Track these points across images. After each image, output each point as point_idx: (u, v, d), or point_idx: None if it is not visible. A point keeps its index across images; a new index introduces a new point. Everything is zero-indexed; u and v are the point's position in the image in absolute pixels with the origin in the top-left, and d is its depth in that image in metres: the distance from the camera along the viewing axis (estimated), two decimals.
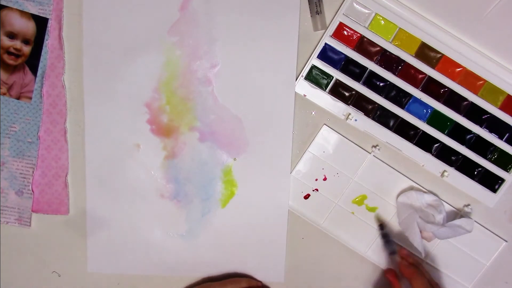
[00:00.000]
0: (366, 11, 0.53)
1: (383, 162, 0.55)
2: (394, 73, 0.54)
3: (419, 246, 0.53)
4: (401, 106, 0.54)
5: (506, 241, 0.55)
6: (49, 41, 0.54)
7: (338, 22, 0.53)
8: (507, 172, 0.54)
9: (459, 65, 0.53)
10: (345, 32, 0.53)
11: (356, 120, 0.54)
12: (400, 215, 0.54)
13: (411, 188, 0.55)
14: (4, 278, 0.58)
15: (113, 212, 0.56)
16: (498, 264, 0.56)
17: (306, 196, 0.56)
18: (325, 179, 0.56)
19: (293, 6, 0.53)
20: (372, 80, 0.54)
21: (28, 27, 0.54)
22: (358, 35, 0.53)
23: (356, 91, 0.54)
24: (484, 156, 0.54)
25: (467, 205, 0.55)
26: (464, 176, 0.55)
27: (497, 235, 0.55)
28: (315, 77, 0.54)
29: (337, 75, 0.54)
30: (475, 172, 0.55)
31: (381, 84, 0.54)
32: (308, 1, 0.53)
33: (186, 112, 0.55)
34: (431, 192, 0.55)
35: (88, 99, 0.55)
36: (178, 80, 0.55)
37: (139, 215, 0.56)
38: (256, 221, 0.56)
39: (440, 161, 0.54)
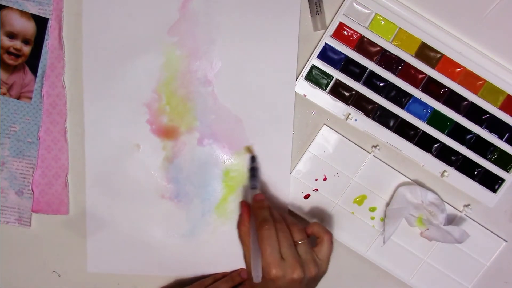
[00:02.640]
0: (366, 11, 0.53)
1: (383, 162, 0.55)
2: (394, 73, 0.54)
3: (386, 237, 0.53)
4: (401, 106, 0.54)
5: (506, 241, 0.55)
6: (49, 41, 0.54)
7: (338, 22, 0.53)
8: (507, 172, 0.54)
9: (459, 65, 0.53)
10: (345, 32, 0.53)
11: (356, 120, 0.54)
12: (394, 203, 0.54)
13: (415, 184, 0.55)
14: (4, 278, 0.58)
15: (113, 212, 0.56)
16: (498, 264, 0.56)
17: (306, 196, 0.56)
18: (325, 179, 0.56)
19: (293, 6, 0.53)
20: (372, 80, 0.54)
21: (28, 27, 0.54)
22: (358, 35, 0.53)
23: (356, 91, 0.54)
24: (484, 156, 0.54)
25: (467, 205, 0.55)
26: (464, 176, 0.55)
27: (497, 235, 0.55)
28: (315, 77, 0.54)
29: (337, 75, 0.54)
30: (475, 172, 0.55)
31: (381, 84, 0.54)
32: (308, 1, 0.53)
33: (186, 112, 0.55)
34: (433, 191, 0.55)
35: (88, 99, 0.55)
36: (178, 80, 0.55)
37: (139, 215, 0.56)
38: None
39: (440, 161, 0.54)
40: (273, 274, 0.46)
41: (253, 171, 0.54)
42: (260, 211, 0.50)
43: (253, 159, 0.55)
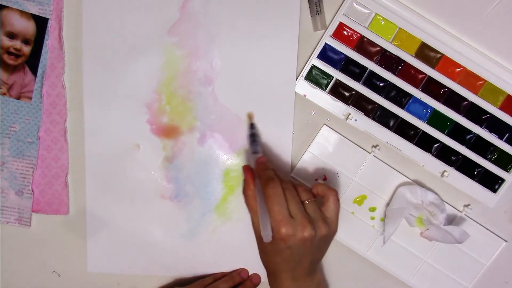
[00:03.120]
0: (366, 11, 0.53)
1: (383, 162, 0.55)
2: (394, 73, 0.54)
3: (386, 237, 0.53)
4: (401, 106, 0.54)
5: (506, 241, 0.55)
6: (49, 41, 0.54)
7: (338, 22, 0.53)
8: (507, 172, 0.54)
9: (459, 65, 0.53)
10: (345, 32, 0.53)
11: (356, 120, 0.54)
12: (394, 203, 0.54)
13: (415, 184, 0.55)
14: (4, 278, 0.58)
15: (113, 212, 0.56)
16: (498, 264, 0.56)
17: None
18: (325, 179, 0.56)
19: (293, 6, 0.53)
20: (372, 80, 0.54)
21: (28, 27, 0.54)
22: (358, 35, 0.53)
23: (356, 91, 0.54)
24: (484, 156, 0.54)
25: (467, 205, 0.55)
26: (464, 176, 0.55)
27: (497, 235, 0.55)
28: (315, 77, 0.54)
29: (337, 75, 0.54)
30: (475, 172, 0.55)
31: (381, 84, 0.54)
32: (308, 1, 0.53)
33: (186, 112, 0.55)
34: (433, 191, 0.55)
35: (88, 99, 0.55)
36: (178, 80, 0.55)
37: (139, 215, 0.56)
38: None
39: (440, 161, 0.54)
40: (283, 232, 0.45)
41: (253, 136, 0.53)
42: (264, 172, 0.48)
43: (252, 126, 0.54)
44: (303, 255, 0.47)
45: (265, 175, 0.48)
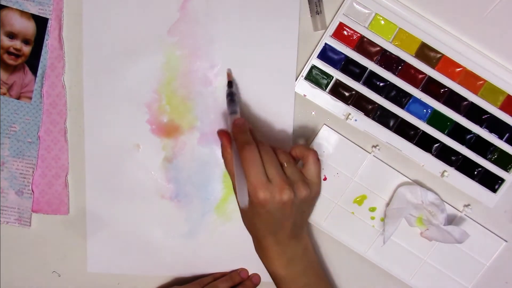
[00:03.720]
0: (366, 11, 0.53)
1: (383, 162, 0.55)
2: (394, 73, 0.54)
3: (386, 237, 0.53)
4: (401, 106, 0.54)
5: (506, 241, 0.55)
6: (49, 41, 0.54)
7: (338, 22, 0.53)
8: (507, 172, 0.54)
9: (459, 65, 0.53)
10: (345, 32, 0.53)
11: (356, 120, 0.54)
12: (394, 203, 0.54)
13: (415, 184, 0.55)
14: (4, 278, 0.58)
15: (113, 212, 0.56)
16: (498, 264, 0.56)
17: None
18: (325, 179, 0.56)
19: (293, 6, 0.53)
20: (372, 80, 0.54)
21: (28, 27, 0.54)
22: (358, 35, 0.53)
23: (356, 91, 0.54)
24: (484, 156, 0.54)
25: (467, 205, 0.55)
26: (464, 176, 0.55)
27: (497, 235, 0.55)
28: (315, 77, 0.54)
29: (337, 75, 0.54)
30: (475, 172, 0.55)
31: (381, 84, 0.54)
32: (308, 1, 0.53)
33: (186, 112, 0.55)
34: (433, 191, 0.55)
35: (88, 99, 0.55)
36: (178, 80, 0.55)
37: (139, 215, 0.56)
38: None
39: (440, 161, 0.54)
40: (261, 197, 0.43)
41: (231, 95, 0.52)
42: (240, 135, 0.46)
43: (230, 84, 0.52)
44: (284, 219, 0.46)
45: (241, 138, 0.46)
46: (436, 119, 0.54)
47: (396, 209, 0.54)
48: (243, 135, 0.46)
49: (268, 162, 0.45)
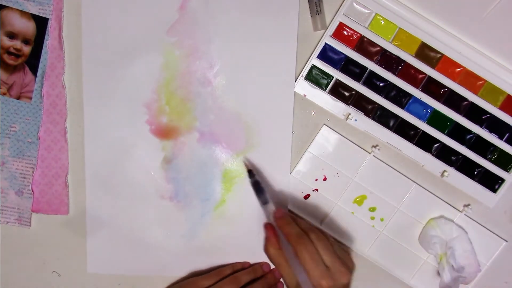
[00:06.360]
0: (366, 11, 0.53)
1: (383, 162, 0.55)
2: (394, 73, 0.54)
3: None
4: (401, 106, 0.54)
5: (506, 241, 0.55)
6: (49, 41, 0.54)
7: (338, 22, 0.53)
8: (507, 172, 0.54)
9: (459, 65, 0.53)
10: (345, 32, 0.53)
11: (356, 120, 0.54)
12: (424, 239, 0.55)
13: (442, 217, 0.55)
14: (4, 278, 0.58)
15: (113, 212, 0.56)
16: (498, 264, 0.56)
17: (306, 196, 0.56)
18: (325, 179, 0.56)
19: (293, 6, 0.53)
20: (372, 80, 0.54)
21: (28, 27, 0.54)
22: (358, 35, 0.53)
23: (356, 91, 0.54)
24: (484, 156, 0.54)
25: (467, 205, 0.55)
26: (464, 176, 0.55)
27: (497, 235, 0.55)
28: (315, 77, 0.54)
29: (337, 75, 0.54)
30: (475, 172, 0.55)
31: (381, 84, 0.54)
32: (308, 1, 0.53)
33: (186, 113, 0.55)
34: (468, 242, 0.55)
35: (87, 99, 0.55)
36: (178, 81, 0.55)
37: (139, 215, 0.56)
38: (256, 222, 0.56)
39: (440, 161, 0.54)
40: (325, 286, 0.45)
41: (256, 185, 0.53)
42: (288, 228, 0.48)
43: (250, 173, 0.53)
44: None
45: (290, 231, 0.47)
46: (436, 119, 0.54)
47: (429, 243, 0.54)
48: (290, 227, 0.48)
49: (323, 249, 0.47)
